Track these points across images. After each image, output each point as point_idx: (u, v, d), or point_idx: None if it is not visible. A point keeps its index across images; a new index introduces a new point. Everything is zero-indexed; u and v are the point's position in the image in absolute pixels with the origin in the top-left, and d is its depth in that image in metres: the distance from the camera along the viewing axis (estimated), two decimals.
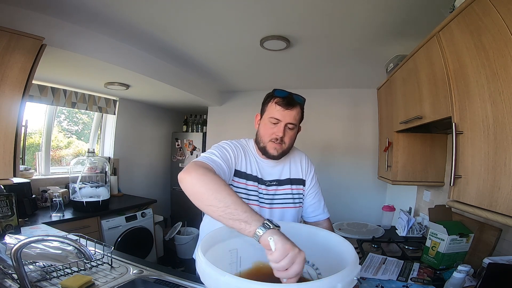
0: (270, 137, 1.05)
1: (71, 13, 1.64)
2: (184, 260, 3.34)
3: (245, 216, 0.68)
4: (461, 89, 1.03)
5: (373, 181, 2.92)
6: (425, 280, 1.16)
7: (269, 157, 1.09)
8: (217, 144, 1.08)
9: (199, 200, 0.76)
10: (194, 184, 0.77)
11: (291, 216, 1.14)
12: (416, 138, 1.83)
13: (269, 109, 1.07)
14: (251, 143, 1.17)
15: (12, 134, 1.45)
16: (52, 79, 2.49)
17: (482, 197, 0.89)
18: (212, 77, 3.02)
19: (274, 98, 1.06)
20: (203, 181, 0.77)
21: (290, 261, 0.60)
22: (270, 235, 0.63)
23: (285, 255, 0.60)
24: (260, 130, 1.11)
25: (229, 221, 0.69)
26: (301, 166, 1.19)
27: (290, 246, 0.61)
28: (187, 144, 3.99)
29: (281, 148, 1.06)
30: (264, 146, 1.08)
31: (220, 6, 1.52)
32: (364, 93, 3.05)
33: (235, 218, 0.68)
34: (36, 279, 0.98)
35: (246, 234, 0.67)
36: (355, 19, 1.60)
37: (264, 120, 1.09)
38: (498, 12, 0.83)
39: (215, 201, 0.72)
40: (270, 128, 1.06)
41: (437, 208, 1.55)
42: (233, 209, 0.69)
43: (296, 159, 1.20)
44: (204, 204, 0.74)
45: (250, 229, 0.66)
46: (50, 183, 2.62)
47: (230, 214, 0.69)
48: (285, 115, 1.03)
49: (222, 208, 0.70)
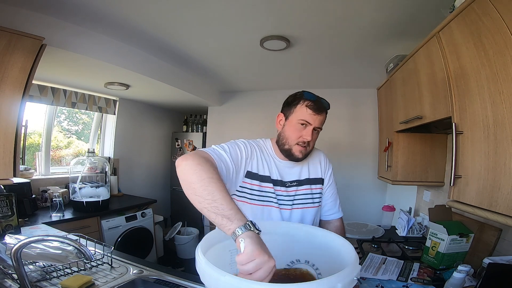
0: (297, 140, 1.03)
1: (71, 13, 1.64)
2: (184, 260, 3.34)
3: (230, 213, 0.67)
4: (461, 89, 1.03)
5: (373, 181, 2.92)
6: (425, 280, 1.16)
7: (292, 159, 1.07)
8: (233, 141, 1.05)
9: (189, 188, 0.75)
10: (187, 171, 0.77)
11: (311, 215, 1.12)
12: (416, 138, 1.83)
13: (299, 111, 1.03)
14: (269, 143, 1.14)
15: (12, 134, 1.45)
16: (52, 79, 2.49)
17: (482, 197, 0.89)
18: (212, 77, 3.02)
19: (304, 101, 1.04)
20: (197, 171, 0.76)
21: (255, 267, 0.58)
22: (244, 237, 0.62)
23: (250, 259, 0.59)
24: (285, 132, 1.07)
25: (211, 214, 0.69)
26: (320, 165, 1.18)
27: (259, 252, 0.60)
28: (187, 144, 3.99)
29: (306, 150, 1.05)
30: (289, 148, 1.05)
31: (220, 6, 1.52)
32: (364, 93, 3.05)
33: (219, 212, 0.68)
34: (36, 279, 0.98)
35: (225, 231, 0.67)
36: (355, 19, 1.60)
37: (291, 121, 1.05)
38: (498, 12, 0.83)
39: (204, 192, 0.71)
40: (298, 131, 1.03)
41: (437, 208, 1.55)
42: (219, 204, 0.69)
43: (314, 158, 1.19)
44: (192, 193, 0.74)
45: (230, 226, 0.66)
46: (50, 183, 2.62)
47: (215, 207, 0.69)
48: (315, 119, 1.02)
49: (208, 200, 0.70)
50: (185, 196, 0.78)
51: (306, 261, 0.84)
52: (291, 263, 0.84)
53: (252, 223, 0.66)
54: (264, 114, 3.49)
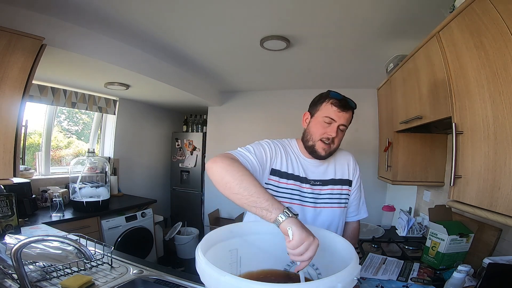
0: (321, 136, 1.05)
1: (71, 13, 1.64)
2: (184, 260, 3.34)
3: (267, 204, 0.73)
4: (461, 89, 1.03)
5: (373, 181, 2.91)
6: (425, 280, 1.16)
7: (315, 156, 1.08)
8: (257, 142, 1.09)
9: (226, 188, 0.81)
10: (220, 173, 0.83)
11: (335, 216, 1.13)
12: (416, 138, 1.83)
13: (324, 108, 1.06)
14: (294, 142, 1.17)
15: (12, 134, 1.44)
16: (52, 79, 2.49)
17: (482, 197, 0.89)
18: (212, 77, 3.02)
19: (329, 99, 1.06)
20: (229, 171, 0.82)
21: (305, 248, 0.66)
22: (289, 224, 0.69)
23: (301, 243, 0.66)
24: (311, 128, 1.09)
25: (252, 208, 0.75)
26: (348, 167, 1.19)
27: (306, 235, 0.67)
28: (187, 144, 3.99)
29: (329, 148, 1.06)
30: (313, 145, 1.07)
31: (220, 6, 1.52)
32: (364, 93, 3.04)
33: (258, 206, 0.74)
34: (36, 279, 0.98)
35: (267, 220, 0.73)
36: (355, 19, 1.60)
37: (317, 118, 1.08)
38: (498, 12, 0.83)
39: (241, 189, 0.78)
40: (323, 128, 1.05)
41: (437, 208, 1.55)
42: (256, 197, 0.75)
43: (342, 159, 1.19)
44: (231, 192, 0.79)
45: (271, 216, 0.72)
46: (50, 183, 2.61)
47: (253, 202, 0.75)
48: (340, 116, 1.04)
49: (246, 196, 0.76)
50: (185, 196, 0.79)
51: None
52: (291, 263, 0.84)
53: (289, 209, 0.73)
54: (264, 114, 3.49)
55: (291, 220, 0.70)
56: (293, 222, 0.69)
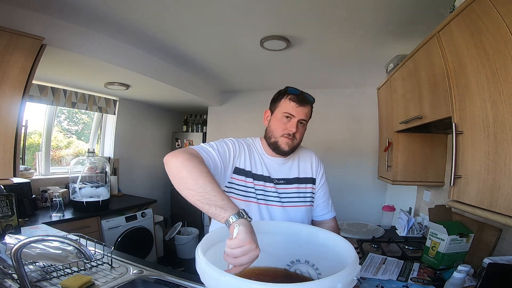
0: (282, 132, 1.06)
1: (71, 13, 1.64)
2: (184, 260, 3.34)
3: (222, 203, 0.71)
4: (461, 89, 1.03)
5: (373, 181, 2.92)
6: (425, 280, 1.16)
7: (279, 152, 1.09)
8: (221, 139, 1.09)
9: (180, 183, 0.78)
10: (177, 167, 0.80)
11: (302, 214, 1.13)
12: (416, 138, 1.83)
13: (283, 105, 1.08)
14: (258, 141, 1.17)
15: (12, 134, 1.45)
16: (52, 79, 2.49)
17: (482, 197, 0.89)
18: (212, 77, 3.02)
19: (287, 95, 1.08)
20: (187, 166, 0.79)
21: (242, 252, 0.62)
22: (239, 223, 0.66)
23: (241, 245, 0.62)
24: (271, 125, 1.11)
25: (205, 206, 0.72)
26: (311, 165, 1.20)
27: (250, 240, 0.63)
28: (187, 144, 3.99)
29: (292, 143, 1.08)
30: (275, 141, 1.08)
31: (220, 6, 1.52)
32: (364, 93, 3.05)
33: (212, 203, 0.71)
34: (36, 279, 0.98)
35: (219, 220, 0.70)
36: (355, 19, 1.60)
37: (276, 115, 1.09)
38: (498, 12, 0.83)
39: (196, 186, 0.75)
40: (283, 124, 1.07)
41: (437, 208, 1.55)
42: (212, 196, 0.72)
43: (305, 157, 1.20)
44: (185, 188, 0.77)
45: (224, 214, 0.69)
46: (50, 183, 2.62)
47: (208, 199, 0.72)
48: (299, 111, 1.06)
49: (201, 193, 0.73)
50: None
51: (306, 261, 0.84)
52: (291, 263, 0.84)
53: (244, 211, 0.70)
54: None
55: (243, 221, 0.67)
56: (243, 223, 0.66)
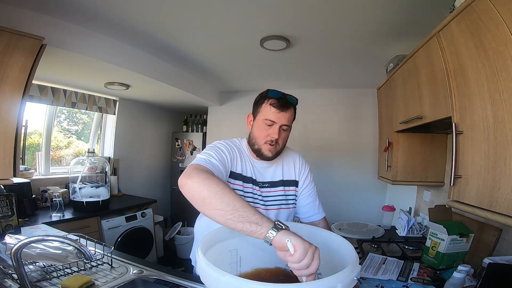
0: (265, 139, 1.05)
1: (71, 13, 1.64)
2: (184, 260, 3.34)
3: (255, 218, 0.67)
4: (461, 89, 1.03)
5: (373, 181, 2.92)
6: (425, 280, 1.16)
7: (263, 158, 1.09)
8: (212, 145, 1.06)
9: (204, 204, 0.73)
10: (197, 188, 0.75)
11: (284, 217, 1.14)
12: (416, 138, 1.83)
13: (263, 110, 1.05)
14: (244, 143, 1.15)
15: (12, 134, 1.44)
16: (52, 79, 2.49)
17: (482, 197, 0.89)
18: (212, 77, 3.02)
19: (268, 99, 1.05)
20: (207, 185, 0.74)
21: (310, 259, 0.60)
22: (285, 236, 0.63)
23: (305, 254, 0.60)
24: (254, 132, 1.09)
25: (238, 224, 0.68)
26: (294, 167, 1.19)
27: (308, 245, 0.62)
28: (187, 144, 3.99)
29: (275, 149, 1.07)
30: (259, 148, 1.07)
31: (220, 6, 1.52)
32: (364, 93, 3.05)
33: (246, 220, 0.67)
34: (36, 279, 0.98)
35: (257, 237, 0.66)
36: (355, 19, 1.60)
37: (258, 121, 1.07)
38: (498, 12, 0.83)
39: (223, 204, 0.70)
40: (265, 130, 1.05)
41: (437, 208, 1.55)
42: (242, 212, 0.68)
43: (289, 160, 1.19)
44: (210, 208, 0.72)
45: (261, 230, 0.65)
46: (50, 183, 2.61)
47: (239, 216, 0.68)
48: (280, 117, 1.03)
49: (230, 211, 0.69)
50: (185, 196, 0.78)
51: None
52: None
53: (280, 222, 0.67)
54: None
55: (286, 232, 0.64)
56: (290, 234, 0.63)
